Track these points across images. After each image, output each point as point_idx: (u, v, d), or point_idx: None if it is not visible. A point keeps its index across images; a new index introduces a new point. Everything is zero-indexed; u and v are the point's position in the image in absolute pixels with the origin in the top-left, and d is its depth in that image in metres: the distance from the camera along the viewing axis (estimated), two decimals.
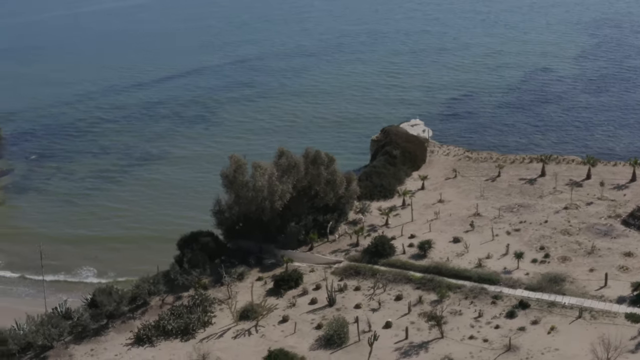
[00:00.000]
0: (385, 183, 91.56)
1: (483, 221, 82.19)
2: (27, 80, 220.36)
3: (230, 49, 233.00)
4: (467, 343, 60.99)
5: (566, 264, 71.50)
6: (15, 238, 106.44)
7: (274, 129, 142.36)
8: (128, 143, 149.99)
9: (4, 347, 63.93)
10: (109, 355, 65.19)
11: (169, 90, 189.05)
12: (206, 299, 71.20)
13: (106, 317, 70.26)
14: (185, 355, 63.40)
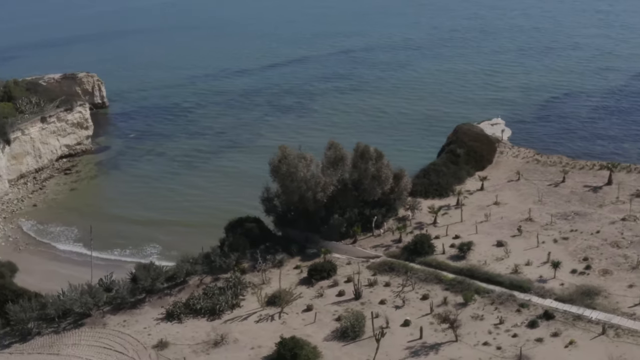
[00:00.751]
0: (443, 182, 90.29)
1: (533, 227, 79.54)
2: (138, 62, 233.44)
3: (339, 39, 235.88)
4: (479, 349, 59.69)
5: (606, 277, 68.10)
6: (89, 214, 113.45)
7: (358, 123, 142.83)
8: (220, 129, 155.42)
9: (42, 311, 68.87)
10: (139, 327, 68.71)
11: (269, 78, 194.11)
12: (240, 282, 73.38)
13: (145, 292, 74.00)
14: (205, 333, 65.92)
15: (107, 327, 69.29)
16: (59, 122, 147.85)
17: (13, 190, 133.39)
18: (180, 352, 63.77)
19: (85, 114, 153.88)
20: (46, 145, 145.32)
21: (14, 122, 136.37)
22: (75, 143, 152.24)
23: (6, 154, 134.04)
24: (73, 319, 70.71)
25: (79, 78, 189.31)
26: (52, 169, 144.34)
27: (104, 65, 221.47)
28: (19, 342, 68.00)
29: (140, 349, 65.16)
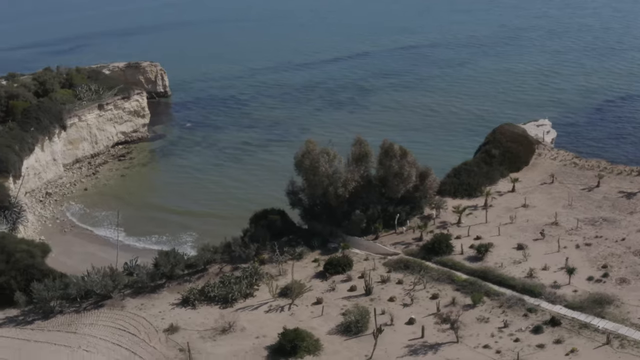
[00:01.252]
0: (473, 182, 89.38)
1: (558, 231, 78.01)
2: (201, 53, 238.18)
3: (402, 35, 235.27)
4: (478, 351, 59.24)
5: (622, 286, 66.32)
6: (132, 201, 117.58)
7: (406, 121, 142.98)
8: (271, 122, 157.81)
9: (64, 291, 71.96)
10: (154, 311, 70.97)
11: (326, 73, 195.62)
12: (257, 272, 74.77)
13: (165, 278, 76.29)
14: (214, 320, 67.64)
15: (124, 309, 71.80)
16: (116, 110, 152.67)
17: (67, 174, 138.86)
18: (188, 337, 65.57)
19: (142, 103, 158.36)
20: (102, 132, 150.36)
21: (72, 109, 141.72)
22: (131, 130, 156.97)
23: (62, 139, 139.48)
24: (94, 300, 73.56)
25: (143, 67, 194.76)
26: (107, 155, 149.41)
27: (167, 55, 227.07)
28: (41, 319, 71.21)
29: (152, 331, 67.34)
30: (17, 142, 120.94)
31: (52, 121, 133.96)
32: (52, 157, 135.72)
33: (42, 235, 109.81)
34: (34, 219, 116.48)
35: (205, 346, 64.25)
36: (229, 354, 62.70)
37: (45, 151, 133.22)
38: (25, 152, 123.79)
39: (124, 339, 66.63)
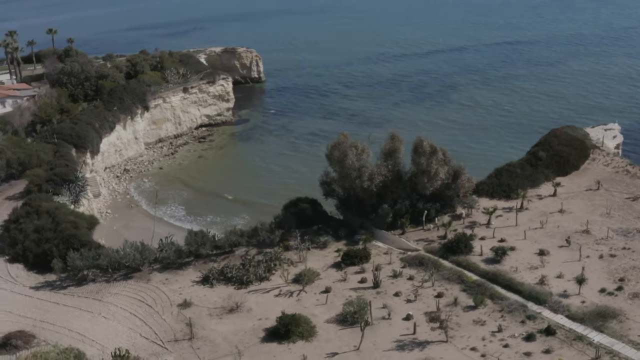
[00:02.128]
0: (513, 183, 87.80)
1: (586, 239, 75.71)
2: (296, 42, 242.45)
3: (504, 31, 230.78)
4: (464, 353, 59.10)
5: (633, 301, 63.84)
6: (198, 183, 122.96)
7: (477, 121, 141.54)
8: (351, 113, 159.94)
9: (95, 261, 77.17)
10: (175, 286, 74.96)
11: (418, 66, 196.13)
12: (278, 258, 77.23)
13: (193, 256, 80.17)
14: (222, 299, 70.79)
15: (149, 282, 76.21)
16: (201, 94, 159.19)
17: (148, 153, 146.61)
18: (198, 313, 69.03)
19: (227, 88, 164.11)
20: (186, 114, 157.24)
21: (157, 91, 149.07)
22: (215, 114, 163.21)
23: (145, 119, 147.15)
24: (125, 271, 78.41)
25: (239, 52, 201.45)
26: (189, 137, 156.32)
27: (265, 42, 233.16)
28: (74, 286, 76.76)
29: (167, 305, 71.25)
30: (98, 121, 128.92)
31: (135, 102, 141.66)
32: (134, 136, 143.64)
33: (110, 208, 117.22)
34: (106, 192, 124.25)
35: (210, 323, 67.40)
36: (228, 332, 65.55)
37: (127, 130, 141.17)
38: (106, 130, 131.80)
39: (140, 310, 70.89)
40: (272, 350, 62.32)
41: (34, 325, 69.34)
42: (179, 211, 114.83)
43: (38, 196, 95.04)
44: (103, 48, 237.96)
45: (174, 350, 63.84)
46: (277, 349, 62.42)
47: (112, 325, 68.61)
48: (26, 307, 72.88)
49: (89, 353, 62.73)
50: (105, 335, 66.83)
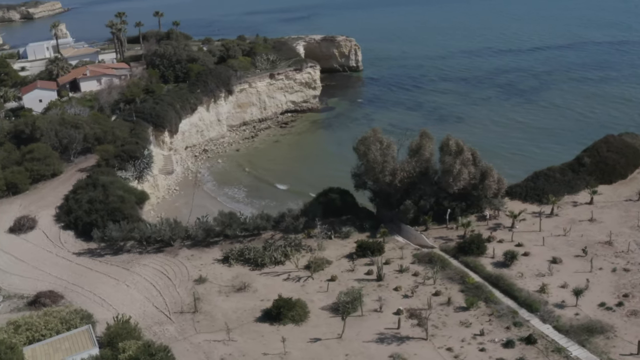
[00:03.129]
0: (548, 188, 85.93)
1: (605, 251, 73.51)
2: (397, 33, 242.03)
3: (619, 28, 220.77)
4: (438, 352, 59.73)
5: (630, 319, 61.80)
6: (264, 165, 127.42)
7: (551, 123, 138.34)
8: (434, 107, 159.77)
9: (129, 234, 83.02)
10: (197, 263, 79.57)
11: (518, 62, 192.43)
12: (297, 244, 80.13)
13: (223, 236, 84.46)
14: (233, 279, 74.67)
15: (176, 257, 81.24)
16: (287, 80, 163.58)
17: (230, 135, 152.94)
18: (209, 289, 73.26)
19: (314, 75, 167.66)
20: (272, 99, 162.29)
21: (242, 76, 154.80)
22: (301, 100, 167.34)
23: (230, 102, 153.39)
24: (158, 246, 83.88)
25: (338, 41, 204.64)
26: (273, 121, 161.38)
27: (366, 31, 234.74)
28: (111, 255, 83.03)
29: (185, 280, 75.95)
30: (179, 102, 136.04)
31: (219, 85, 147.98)
32: (217, 118, 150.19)
33: (179, 185, 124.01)
34: (180, 170, 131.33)
35: (216, 299, 71.41)
36: (229, 310, 69.30)
37: (210, 112, 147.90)
38: (187, 111, 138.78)
39: (160, 282, 76.01)
40: (261, 330, 65.46)
41: (65, 287, 75.99)
42: (240, 193, 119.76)
43: (101, 170, 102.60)
44: (216, 31, 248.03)
45: (177, 321, 68.29)
46: (267, 329, 65.49)
47: (131, 293, 74.05)
48: (64, 270, 79.80)
49: (101, 316, 68.25)
50: (122, 302, 72.31)
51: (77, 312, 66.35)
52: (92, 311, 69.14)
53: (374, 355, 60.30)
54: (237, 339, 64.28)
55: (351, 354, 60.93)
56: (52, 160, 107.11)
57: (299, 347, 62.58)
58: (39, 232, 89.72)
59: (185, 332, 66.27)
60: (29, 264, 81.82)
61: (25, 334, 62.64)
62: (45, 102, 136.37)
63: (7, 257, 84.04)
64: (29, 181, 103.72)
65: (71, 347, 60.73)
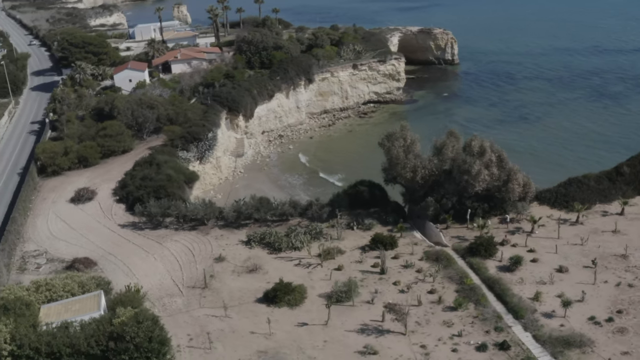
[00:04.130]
0: (579, 195, 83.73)
1: (617, 264, 71.36)
2: (498, 28, 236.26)
3: None
4: (411, 348, 60.71)
5: (615, 335, 60.15)
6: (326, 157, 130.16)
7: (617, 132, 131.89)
8: (519, 104, 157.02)
9: (167, 210, 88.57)
10: (223, 242, 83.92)
11: (620, 62, 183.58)
12: (319, 232, 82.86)
13: (254, 219, 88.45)
14: (246, 259, 78.55)
15: (206, 236, 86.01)
16: (370, 71, 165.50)
17: (309, 122, 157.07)
18: (224, 268, 77.42)
19: (398, 68, 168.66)
20: (354, 89, 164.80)
21: (325, 65, 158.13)
22: (384, 92, 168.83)
23: (310, 90, 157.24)
24: (194, 224, 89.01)
25: (434, 34, 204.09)
26: (354, 111, 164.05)
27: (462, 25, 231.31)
28: (150, 229, 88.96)
29: (206, 257, 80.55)
30: (257, 88, 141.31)
31: (299, 73, 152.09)
32: (296, 105, 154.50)
33: (245, 168, 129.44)
34: (251, 154, 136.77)
35: (228, 278, 75.51)
36: (235, 289, 73.22)
37: (289, 99, 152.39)
38: (264, 97, 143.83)
39: (183, 257, 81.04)
40: (257, 310, 68.89)
41: (101, 255, 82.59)
42: (299, 180, 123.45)
43: (163, 149, 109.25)
44: (328, 19, 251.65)
45: (186, 294, 72.96)
46: (261, 310, 68.84)
47: (156, 266, 79.49)
48: (106, 240, 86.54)
49: (120, 284, 73.96)
50: (145, 272, 77.89)
51: (95, 278, 72.27)
52: (116, 279, 75.25)
53: (350, 344, 62.30)
54: (232, 317, 68.03)
55: (329, 340, 63.24)
56: (123, 137, 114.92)
57: (285, 329, 65.51)
58: (95, 204, 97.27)
59: (190, 306, 70.77)
60: (77, 232, 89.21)
61: (45, 294, 69.05)
62: (134, 82, 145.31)
63: (62, 224, 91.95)
64: (100, 156, 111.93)
65: (80, 308, 66.44)
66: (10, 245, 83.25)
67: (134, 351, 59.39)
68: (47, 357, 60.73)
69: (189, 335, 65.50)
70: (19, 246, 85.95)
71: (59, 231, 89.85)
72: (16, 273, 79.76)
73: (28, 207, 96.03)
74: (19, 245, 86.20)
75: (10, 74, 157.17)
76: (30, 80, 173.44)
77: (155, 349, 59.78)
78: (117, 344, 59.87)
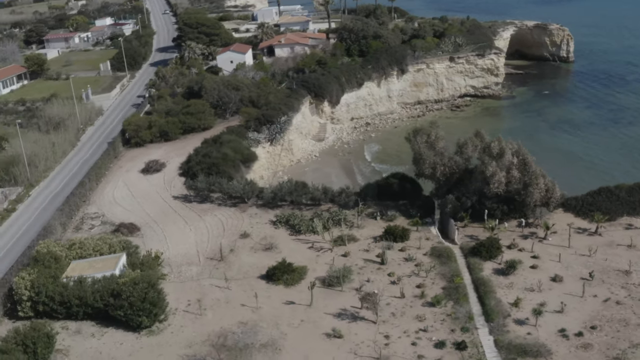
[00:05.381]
0: (605, 206, 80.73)
1: (616, 280, 68.68)
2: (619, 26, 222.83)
3: None
4: (375, 337, 62.42)
5: (577, 350, 58.32)
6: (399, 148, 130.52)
7: None
8: (625, 105, 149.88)
9: (211, 186, 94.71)
10: (254, 220, 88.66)
11: None
12: (340, 219, 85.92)
13: (289, 202, 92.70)
14: (266, 237, 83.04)
15: (244, 212, 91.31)
16: (468, 65, 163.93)
17: (399, 112, 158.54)
18: (245, 244, 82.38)
19: (497, 63, 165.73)
20: (450, 82, 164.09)
21: (420, 56, 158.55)
22: (481, 86, 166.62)
23: (404, 80, 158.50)
24: (236, 201, 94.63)
25: (550, 29, 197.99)
26: (447, 103, 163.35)
27: (584, 21, 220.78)
28: (197, 202, 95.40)
29: (234, 232, 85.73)
30: (345, 75, 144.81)
31: (392, 63, 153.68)
32: (387, 94, 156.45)
33: (320, 152, 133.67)
34: (333, 139, 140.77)
35: (244, 253, 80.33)
36: (245, 264, 77.94)
37: (381, 88, 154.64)
38: (352, 85, 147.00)
39: (215, 231, 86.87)
40: (256, 285, 73.27)
41: (146, 222, 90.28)
42: (368, 168, 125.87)
43: (234, 129, 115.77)
44: (458, 9, 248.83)
45: (203, 265, 78.70)
46: (260, 286, 73.17)
47: (189, 236, 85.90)
48: (157, 209, 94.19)
49: (149, 248, 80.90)
50: (177, 241, 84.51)
51: (122, 242, 79.72)
52: (151, 244, 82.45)
53: (323, 325, 65.10)
54: (232, 289, 72.95)
55: (306, 320, 66.52)
56: (204, 115, 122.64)
57: (273, 305, 69.48)
58: (161, 175, 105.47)
59: (201, 275, 76.44)
60: (136, 199, 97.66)
61: (76, 251, 77.40)
62: (235, 64, 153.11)
63: (126, 191, 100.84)
64: (180, 131, 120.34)
65: (102, 267, 74.07)
66: (71, 206, 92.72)
67: (128, 308, 66.08)
68: (60, 305, 68.79)
69: (189, 301, 70.95)
70: (82, 208, 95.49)
71: (120, 198, 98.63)
72: (72, 232, 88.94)
73: (102, 174, 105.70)
74: (82, 207, 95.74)
75: (131, 50, 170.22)
76: (153, 56, 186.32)
77: (146, 309, 66.12)
78: (116, 300, 66.82)
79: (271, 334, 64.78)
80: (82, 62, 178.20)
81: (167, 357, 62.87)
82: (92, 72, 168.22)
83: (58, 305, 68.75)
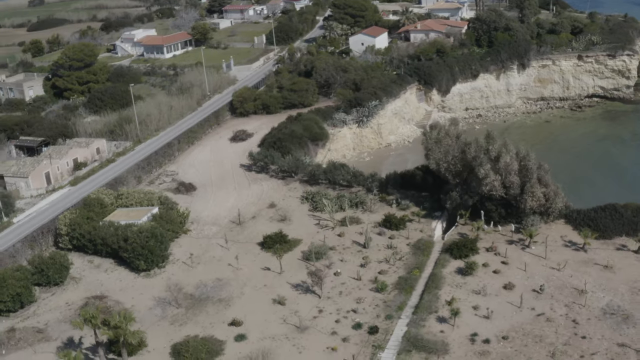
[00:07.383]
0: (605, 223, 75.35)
1: (565, 298, 65.42)
2: None
3: None
4: (312, 309, 66.54)
5: (474, 356, 58.16)
6: None
7: None
8: None
9: (265, 159, 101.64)
10: (288, 194, 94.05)
11: None
12: (358, 202, 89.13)
13: (328, 181, 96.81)
14: (283, 210, 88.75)
15: (286, 186, 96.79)
16: (597, 64, 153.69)
17: (518, 106, 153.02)
18: (267, 213, 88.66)
19: (629, 64, 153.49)
20: (577, 81, 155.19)
21: (546, 52, 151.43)
22: (611, 87, 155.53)
23: (527, 75, 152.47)
24: (285, 174, 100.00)
25: None
26: (572, 102, 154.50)
27: None
28: (255, 172, 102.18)
29: (265, 202, 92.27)
30: (458, 66, 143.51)
31: (512, 57, 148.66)
32: (507, 88, 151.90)
33: (412, 139, 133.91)
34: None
35: (261, 221, 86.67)
36: (254, 230, 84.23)
37: (500, 81, 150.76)
38: (466, 76, 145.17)
39: (252, 198, 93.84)
40: (251, 250, 79.85)
41: (205, 183, 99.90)
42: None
43: (324, 108, 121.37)
44: None
45: (222, 226, 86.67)
46: (254, 250, 79.71)
47: (229, 200, 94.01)
48: (220, 173, 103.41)
49: (195, 208, 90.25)
50: (217, 203, 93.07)
51: (161, 197, 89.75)
52: (196, 203, 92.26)
53: (278, 292, 70.29)
54: (229, 249, 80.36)
55: (269, 285, 72.17)
56: (306, 94, 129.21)
57: (251, 269, 75.83)
58: (243, 144, 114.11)
59: (216, 235, 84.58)
60: (210, 163, 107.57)
61: (123, 201, 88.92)
62: (365, 46, 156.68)
63: (207, 155, 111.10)
64: (282, 106, 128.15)
65: (134, 216, 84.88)
66: (152, 163, 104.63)
67: (131, 251, 76.17)
68: (89, 242, 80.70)
69: (191, 254, 79.45)
70: (164, 166, 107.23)
71: (199, 161, 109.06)
72: (145, 184, 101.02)
73: (196, 137, 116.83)
74: (165, 165, 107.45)
75: (286, 25, 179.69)
76: (312, 33, 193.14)
77: (144, 254, 75.84)
78: (124, 243, 77.23)
79: (232, 292, 71.37)
80: (245, 34, 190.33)
81: (145, 295, 72.07)
82: (249, 44, 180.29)
83: (87, 242, 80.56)
